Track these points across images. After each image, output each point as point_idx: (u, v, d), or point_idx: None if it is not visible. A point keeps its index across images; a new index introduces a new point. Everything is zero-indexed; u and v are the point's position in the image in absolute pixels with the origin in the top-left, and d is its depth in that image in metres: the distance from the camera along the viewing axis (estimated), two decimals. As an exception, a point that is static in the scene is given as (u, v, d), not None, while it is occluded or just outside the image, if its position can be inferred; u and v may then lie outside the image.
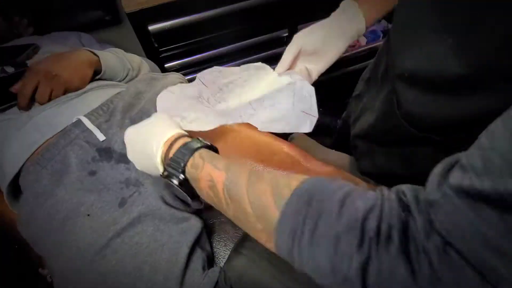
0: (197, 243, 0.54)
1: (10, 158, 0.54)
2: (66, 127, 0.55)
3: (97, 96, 0.62)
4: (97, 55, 0.67)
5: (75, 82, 0.61)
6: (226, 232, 0.62)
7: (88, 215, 0.49)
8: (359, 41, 1.35)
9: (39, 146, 0.54)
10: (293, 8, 1.04)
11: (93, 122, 0.55)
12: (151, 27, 0.91)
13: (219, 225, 0.63)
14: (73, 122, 0.56)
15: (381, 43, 1.30)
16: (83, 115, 0.56)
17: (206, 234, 0.60)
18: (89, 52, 0.67)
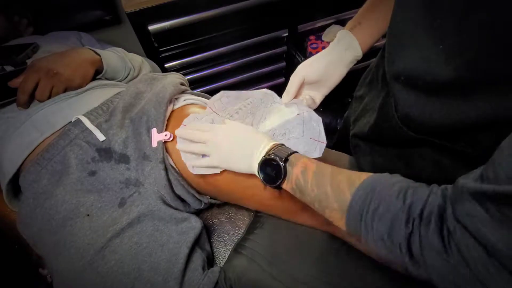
0: (196, 243, 0.54)
1: (9, 156, 0.54)
2: (66, 126, 0.55)
3: (97, 96, 0.62)
4: (98, 54, 0.67)
5: (76, 80, 0.61)
6: (226, 232, 0.62)
7: (88, 215, 0.49)
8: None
9: (38, 145, 0.54)
10: (293, 8, 1.04)
11: (92, 122, 0.55)
12: (151, 27, 0.91)
13: (219, 225, 0.63)
14: (73, 121, 0.55)
15: (381, 43, 1.30)
16: (83, 115, 0.56)
17: (206, 234, 0.59)
18: (91, 50, 0.66)
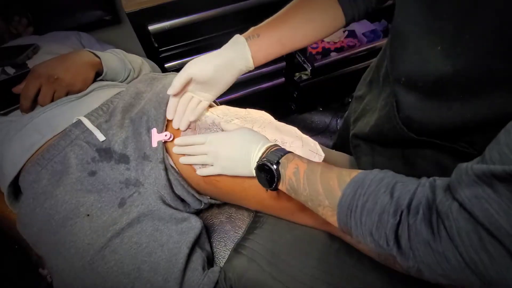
0: (196, 243, 0.54)
1: (10, 159, 0.54)
2: (66, 127, 0.55)
3: (97, 97, 0.62)
4: (98, 57, 0.67)
5: (77, 84, 0.62)
6: (226, 232, 0.62)
7: (88, 215, 0.49)
8: (359, 41, 1.35)
9: (40, 147, 0.54)
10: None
11: (93, 123, 0.55)
12: (151, 27, 0.91)
13: (219, 225, 0.63)
14: (73, 122, 0.56)
15: (381, 42, 1.30)
16: (83, 116, 0.56)
17: (206, 234, 0.60)
18: (90, 53, 0.67)
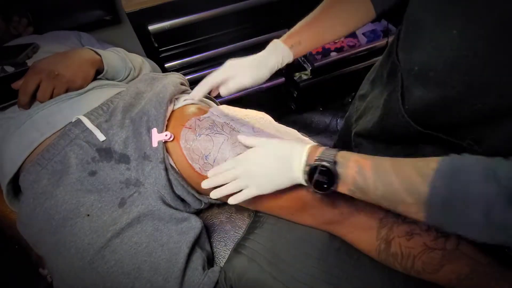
0: (196, 243, 0.54)
1: (9, 157, 0.54)
2: (66, 126, 0.55)
3: (97, 96, 0.62)
4: (99, 54, 0.67)
5: (78, 81, 0.61)
6: (226, 232, 0.62)
7: (88, 215, 0.49)
8: (359, 41, 1.35)
9: (39, 145, 0.54)
10: (293, 8, 1.04)
11: (93, 122, 0.55)
12: (151, 27, 0.91)
13: (219, 225, 0.63)
14: (73, 121, 0.56)
15: (382, 42, 1.30)
16: (83, 115, 0.56)
17: (206, 234, 0.59)
18: (91, 51, 0.66)
